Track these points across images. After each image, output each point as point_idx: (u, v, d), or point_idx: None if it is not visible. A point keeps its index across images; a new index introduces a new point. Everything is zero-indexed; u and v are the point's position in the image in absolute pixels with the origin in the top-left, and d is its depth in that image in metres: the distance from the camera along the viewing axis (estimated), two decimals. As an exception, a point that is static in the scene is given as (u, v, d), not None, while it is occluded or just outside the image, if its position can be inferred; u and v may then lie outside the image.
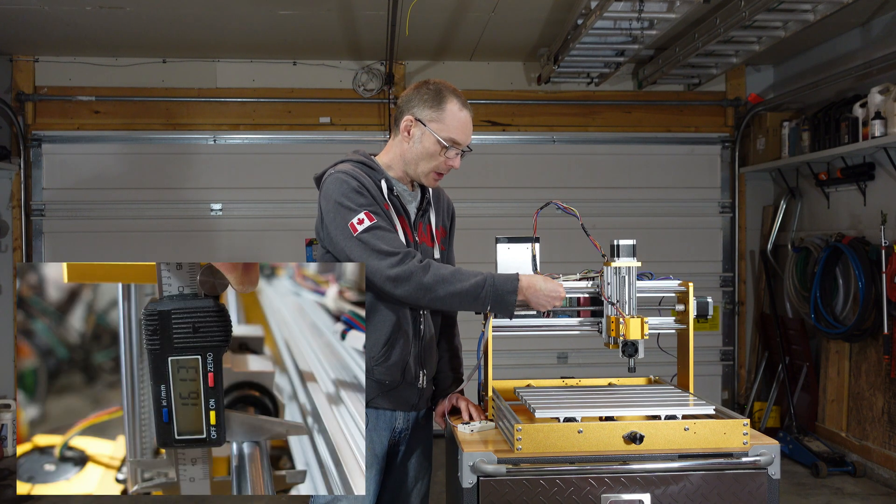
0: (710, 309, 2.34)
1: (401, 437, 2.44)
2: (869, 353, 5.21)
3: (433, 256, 2.43)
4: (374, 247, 2.19)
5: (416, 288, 2.17)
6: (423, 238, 2.43)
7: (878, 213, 5.00)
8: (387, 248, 2.19)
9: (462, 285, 2.18)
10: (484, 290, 2.17)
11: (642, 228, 6.19)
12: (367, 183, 2.29)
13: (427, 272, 2.18)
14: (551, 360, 6.25)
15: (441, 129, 2.32)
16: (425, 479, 2.53)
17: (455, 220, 2.63)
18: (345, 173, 2.29)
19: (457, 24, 5.32)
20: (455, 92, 2.36)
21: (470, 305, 2.21)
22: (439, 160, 2.35)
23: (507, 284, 2.19)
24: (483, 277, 2.19)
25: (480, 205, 6.20)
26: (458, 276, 2.19)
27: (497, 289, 2.18)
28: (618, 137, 6.40)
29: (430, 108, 2.33)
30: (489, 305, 2.19)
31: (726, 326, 6.52)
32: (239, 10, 4.96)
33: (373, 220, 2.21)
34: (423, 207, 2.45)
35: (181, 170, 6.17)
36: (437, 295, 2.18)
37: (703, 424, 2.02)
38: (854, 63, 5.27)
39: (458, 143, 2.34)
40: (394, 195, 2.36)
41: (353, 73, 6.23)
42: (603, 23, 4.57)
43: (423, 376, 2.41)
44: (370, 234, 2.20)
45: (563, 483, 1.97)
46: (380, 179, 2.35)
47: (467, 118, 2.36)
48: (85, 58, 6.06)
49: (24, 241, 6.00)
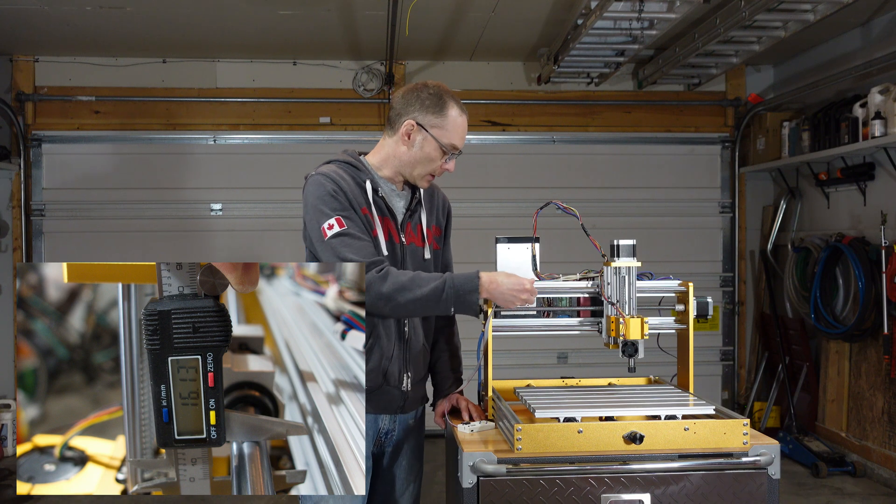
0: (710, 309, 2.34)
1: (387, 438, 2.42)
2: (869, 353, 5.21)
3: (423, 257, 2.41)
4: (339, 254, 2.18)
5: (375, 298, 2.16)
6: (412, 238, 2.40)
7: (878, 213, 5.01)
8: (351, 257, 2.17)
9: (421, 291, 2.15)
10: (444, 293, 2.15)
11: (642, 228, 6.18)
12: (345, 186, 2.27)
13: (385, 281, 2.15)
14: (551, 360, 6.25)
15: (443, 136, 2.31)
16: (416, 481, 2.51)
17: (451, 219, 2.60)
18: (324, 175, 2.28)
19: (457, 24, 5.32)
20: (453, 96, 2.35)
21: (433, 310, 2.19)
22: (437, 164, 2.35)
23: (467, 284, 2.17)
24: (442, 280, 2.17)
25: (480, 205, 6.20)
26: (418, 282, 2.16)
27: (457, 289, 2.16)
28: (618, 137, 6.39)
29: (432, 113, 2.31)
30: (452, 308, 2.17)
31: (726, 326, 6.52)
32: (239, 10, 4.96)
33: (343, 227, 2.20)
34: (413, 207, 2.43)
35: (181, 170, 6.17)
36: (398, 303, 2.16)
37: (703, 424, 2.02)
38: (854, 63, 5.27)
39: (456, 148, 2.35)
40: (378, 196, 2.33)
41: (353, 73, 6.23)
42: (603, 23, 4.56)
43: (408, 379, 2.38)
44: (338, 240, 2.19)
45: (563, 483, 1.97)
46: (364, 180, 2.33)
47: (465, 123, 2.36)
48: (85, 58, 6.06)
49: (24, 241, 6.00)
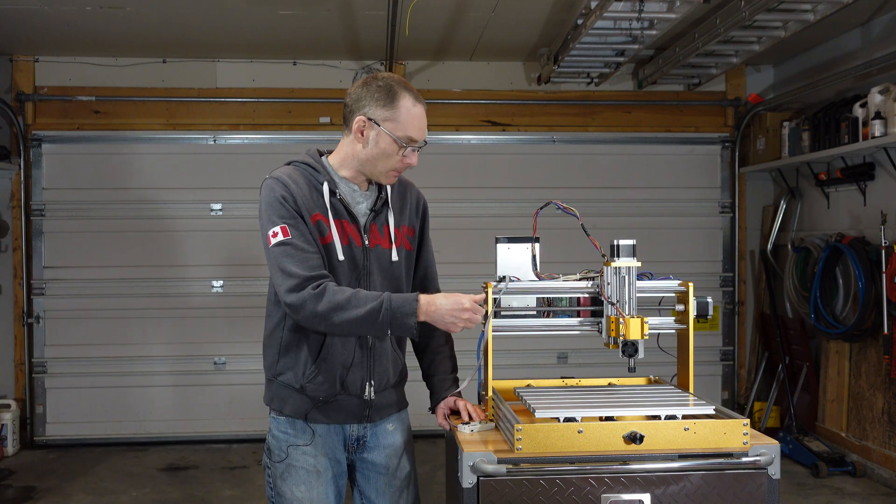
0: (710, 309, 2.34)
1: (358, 444, 2.36)
2: (869, 353, 5.21)
3: (391, 259, 2.33)
4: (280, 264, 2.14)
5: (310, 316, 2.12)
6: (378, 240, 2.32)
7: (878, 213, 5.00)
8: (290, 269, 2.12)
9: (357, 312, 2.10)
10: (381, 315, 2.10)
11: (642, 228, 6.18)
12: (297, 191, 2.21)
13: (321, 300, 2.10)
14: (551, 360, 6.25)
15: (396, 129, 2.22)
16: (411, 487, 2.46)
17: (428, 217, 2.50)
18: (276, 180, 2.23)
19: (457, 24, 5.32)
20: (406, 86, 2.25)
21: (368, 330, 2.15)
22: (395, 159, 2.26)
23: (405, 307, 2.11)
24: (379, 302, 2.11)
25: (480, 205, 6.20)
26: (354, 302, 2.10)
27: (394, 312, 2.10)
28: (618, 137, 6.39)
29: (382, 106, 2.21)
30: (388, 330, 2.12)
31: (726, 326, 6.52)
32: (239, 10, 4.96)
33: (287, 236, 2.16)
34: (378, 208, 2.33)
35: (181, 170, 6.17)
36: (333, 322, 2.11)
37: (703, 424, 2.02)
38: (854, 63, 5.27)
39: (414, 140, 2.24)
40: (336, 198, 2.26)
41: (353, 73, 6.23)
42: (603, 23, 4.56)
43: (370, 387, 2.31)
44: (280, 248, 2.15)
45: (563, 483, 1.96)
46: (322, 182, 2.26)
47: (421, 113, 2.25)
48: (85, 58, 6.06)
49: (24, 241, 6.00)
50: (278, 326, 2.30)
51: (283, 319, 2.28)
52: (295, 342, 2.27)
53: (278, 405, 2.30)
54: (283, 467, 2.29)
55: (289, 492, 2.27)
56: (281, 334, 2.29)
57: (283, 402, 2.30)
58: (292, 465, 2.28)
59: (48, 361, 6.06)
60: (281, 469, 2.29)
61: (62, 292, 6.06)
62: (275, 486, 2.31)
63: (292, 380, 2.27)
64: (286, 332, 2.28)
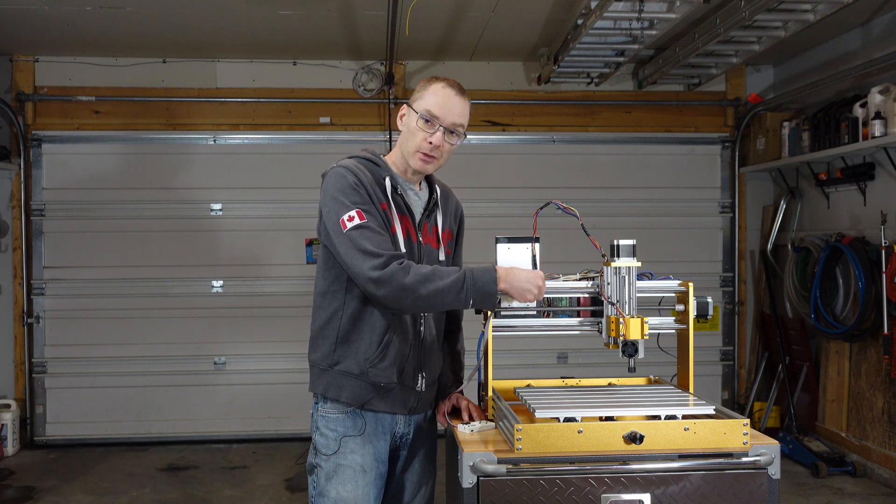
0: (710, 309, 2.34)
1: (402, 441, 2.41)
2: (869, 353, 5.21)
3: (437, 258, 2.40)
4: (359, 246, 2.16)
5: (397, 289, 2.13)
6: (428, 239, 2.40)
7: (878, 213, 5.00)
8: (372, 249, 2.15)
9: (443, 282, 2.13)
10: (465, 284, 2.14)
11: (642, 228, 6.18)
12: (365, 180, 2.27)
13: (408, 273, 2.13)
14: (551, 360, 6.25)
15: (420, 105, 2.31)
16: (429, 483, 2.50)
17: (464, 223, 2.59)
18: (345, 168, 2.28)
19: (457, 24, 5.32)
20: (447, 79, 2.35)
21: (453, 302, 2.17)
22: (420, 137, 2.30)
23: (486, 275, 2.16)
24: (462, 272, 2.16)
25: (480, 205, 6.19)
26: (439, 274, 2.15)
27: (477, 281, 2.15)
28: (618, 137, 6.39)
29: (418, 91, 2.35)
30: (472, 299, 2.16)
31: (726, 326, 6.52)
32: (239, 10, 4.96)
33: (363, 219, 2.19)
34: (430, 208, 2.42)
35: (181, 170, 6.17)
36: (420, 294, 2.13)
37: (703, 424, 2.02)
38: (854, 63, 5.27)
39: (434, 115, 2.29)
40: (397, 194, 2.33)
41: (353, 73, 6.23)
42: (603, 23, 4.56)
43: (422, 379, 2.37)
44: (358, 231, 2.17)
45: (563, 483, 1.97)
46: (384, 177, 2.33)
47: (449, 95, 2.31)
48: (85, 58, 6.06)
49: (24, 241, 6.00)
50: (335, 316, 2.31)
51: (341, 309, 2.30)
52: (356, 331, 2.29)
53: (335, 393, 2.30)
54: (333, 466, 2.29)
55: (334, 491, 2.29)
56: (339, 324, 2.30)
57: (339, 390, 2.30)
58: (341, 465, 2.29)
59: (48, 361, 6.06)
60: (329, 468, 2.30)
61: (62, 292, 6.07)
62: (318, 485, 2.32)
63: (353, 366, 2.29)
64: (344, 321, 2.30)
